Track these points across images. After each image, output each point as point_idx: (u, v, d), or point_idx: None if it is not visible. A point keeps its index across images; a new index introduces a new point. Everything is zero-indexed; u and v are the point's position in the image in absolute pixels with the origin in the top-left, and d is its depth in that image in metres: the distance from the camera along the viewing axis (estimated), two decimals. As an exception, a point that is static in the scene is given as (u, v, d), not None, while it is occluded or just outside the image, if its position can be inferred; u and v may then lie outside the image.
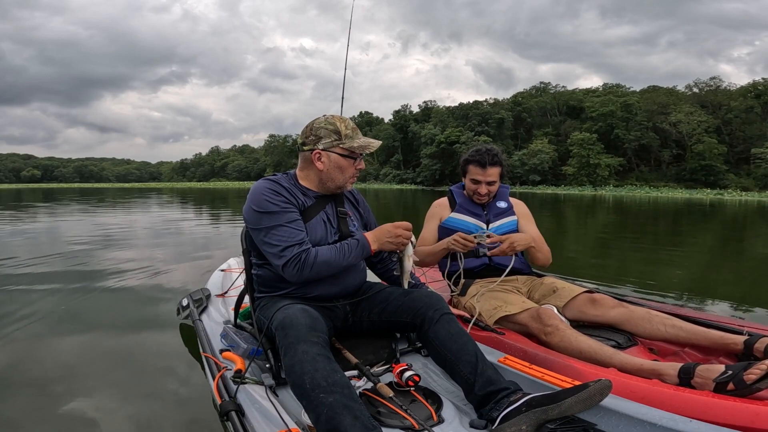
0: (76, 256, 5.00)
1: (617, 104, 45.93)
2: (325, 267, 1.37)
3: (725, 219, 12.91)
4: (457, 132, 49.86)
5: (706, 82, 49.00)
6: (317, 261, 1.36)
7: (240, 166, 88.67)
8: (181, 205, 16.03)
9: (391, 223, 1.44)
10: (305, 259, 1.35)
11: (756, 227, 10.58)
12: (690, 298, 3.49)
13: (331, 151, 1.45)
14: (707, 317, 1.71)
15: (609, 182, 42.62)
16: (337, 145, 1.45)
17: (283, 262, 1.35)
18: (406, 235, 1.42)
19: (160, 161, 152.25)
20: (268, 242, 1.38)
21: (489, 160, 1.97)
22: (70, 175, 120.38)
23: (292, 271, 1.35)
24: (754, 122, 41.66)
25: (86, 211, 12.62)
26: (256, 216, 1.40)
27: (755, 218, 13.45)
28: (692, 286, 4.02)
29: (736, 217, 13.59)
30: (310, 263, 1.35)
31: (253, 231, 1.42)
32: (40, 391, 1.83)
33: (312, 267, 1.35)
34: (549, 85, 61.04)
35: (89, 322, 2.73)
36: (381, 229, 1.45)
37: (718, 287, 4.16)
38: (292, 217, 1.40)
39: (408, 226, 1.43)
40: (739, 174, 40.05)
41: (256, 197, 1.41)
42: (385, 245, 1.43)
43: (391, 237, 1.42)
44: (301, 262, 1.34)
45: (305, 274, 1.35)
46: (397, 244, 1.42)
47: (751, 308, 3.25)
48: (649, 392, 1.19)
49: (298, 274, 1.35)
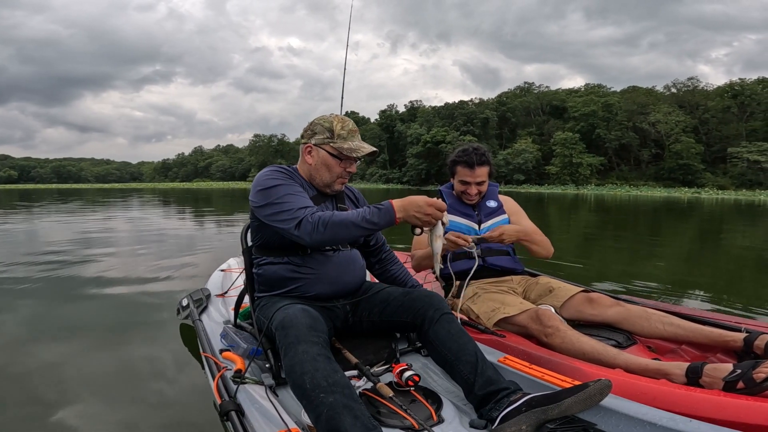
0: (73, 257, 4.92)
1: (598, 104, 46.81)
2: (342, 227, 1.27)
3: (703, 216, 13.26)
4: (443, 132, 50.17)
5: (684, 83, 50.33)
6: (333, 219, 1.28)
7: (224, 166, 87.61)
8: (176, 207, 15.78)
9: (424, 198, 1.29)
10: (321, 216, 1.29)
11: (733, 224, 10.88)
12: (677, 293, 3.57)
13: (321, 148, 1.47)
14: (704, 315, 1.72)
15: (591, 181, 43.41)
16: (327, 143, 1.46)
17: (297, 222, 1.29)
18: (437, 215, 1.29)
19: (141, 161, 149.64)
20: (279, 210, 1.33)
21: (477, 160, 1.95)
22: (47, 175, 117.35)
23: (306, 229, 1.28)
24: (731, 122, 42.87)
25: (75, 212, 12.37)
26: (263, 194, 1.38)
27: (732, 216, 13.84)
28: (673, 279, 4.13)
29: (713, 215, 13.97)
30: (326, 221, 1.28)
31: (262, 208, 1.37)
32: (40, 391, 1.83)
33: (327, 225, 1.27)
34: (533, 85, 61.91)
35: (89, 323, 2.73)
36: (411, 199, 1.28)
37: (698, 280, 4.28)
38: (299, 189, 1.40)
39: (442, 206, 1.30)
40: (715, 173, 41.16)
41: (260, 179, 1.41)
42: (412, 218, 1.28)
43: (420, 212, 1.27)
44: (316, 219, 1.28)
45: (320, 233, 1.27)
46: (424, 221, 1.29)
47: (732, 299, 3.36)
48: (660, 393, 1.19)
49: (313, 231, 1.27)
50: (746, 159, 38.58)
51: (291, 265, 1.45)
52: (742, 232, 9.05)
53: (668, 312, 1.67)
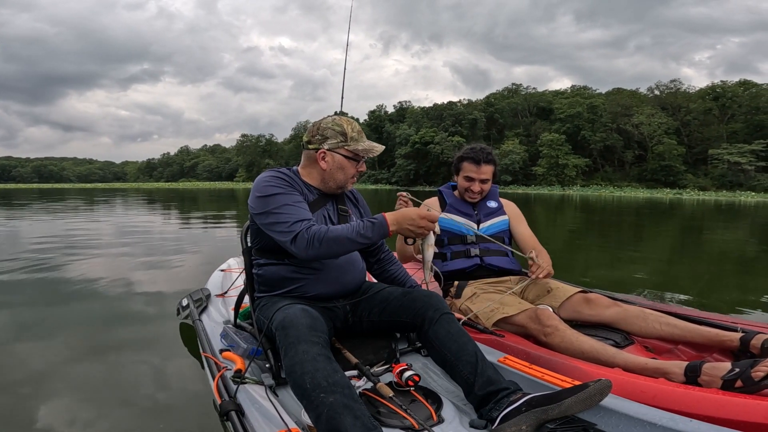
0: (70, 258, 4.85)
1: (584, 106, 47.49)
2: (337, 243, 1.29)
3: (684, 216, 13.58)
4: (432, 132, 50.36)
5: (667, 85, 51.34)
6: (328, 235, 1.29)
7: (211, 166, 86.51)
8: (172, 208, 15.58)
9: (417, 210, 1.33)
10: (316, 231, 1.29)
11: (713, 224, 11.15)
12: (662, 289, 3.65)
13: (335, 152, 1.46)
14: (699, 315, 1.73)
15: (576, 182, 44.03)
16: (342, 146, 1.46)
17: (293, 236, 1.30)
18: (430, 226, 1.34)
19: (124, 161, 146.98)
20: (275, 221, 1.34)
21: (483, 157, 1.99)
22: (28, 175, 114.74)
23: (302, 245, 1.29)
24: (712, 124, 43.85)
25: (66, 212, 12.16)
26: (261, 201, 1.37)
27: (713, 215, 14.20)
28: (657, 278, 4.22)
29: (694, 215, 14.31)
30: (321, 236, 1.28)
31: (260, 216, 1.38)
32: (40, 391, 1.82)
33: (322, 241, 1.28)
34: (520, 87, 62.43)
35: (88, 323, 2.71)
36: (404, 212, 1.33)
37: (680, 277, 4.40)
38: (298, 198, 1.39)
39: (434, 217, 1.35)
40: (697, 174, 42.08)
41: (260, 185, 1.40)
42: (405, 230, 1.33)
43: (413, 225, 1.31)
44: (312, 234, 1.29)
45: (315, 248, 1.29)
46: (417, 232, 1.33)
47: (716, 294, 3.45)
48: (659, 391, 1.19)
49: (308, 247, 1.28)
50: (727, 160, 39.51)
51: (291, 265, 1.45)
52: (722, 231, 9.28)
53: (665, 312, 1.68)
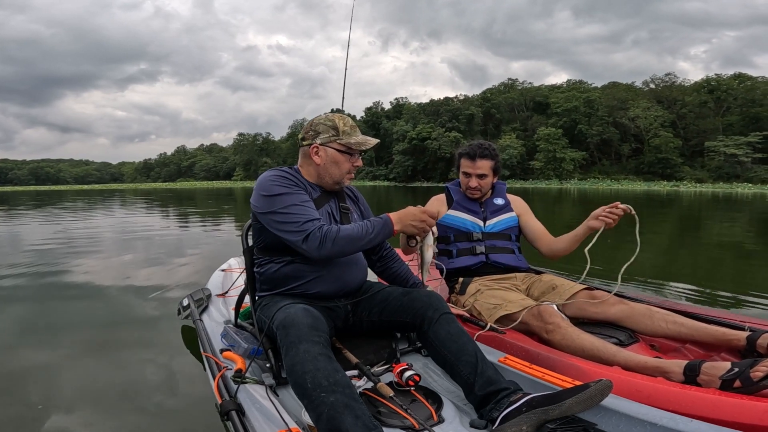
0: (70, 259, 4.85)
1: (580, 100, 47.50)
2: (348, 242, 1.32)
3: (682, 208, 13.62)
4: (429, 128, 50.29)
5: (662, 78, 51.32)
6: (339, 235, 1.31)
7: (208, 165, 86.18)
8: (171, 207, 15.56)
9: (418, 207, 1.39)
10: (327, 231, 1.31)
11: (711, 215, 11.18)
12: (665, 282, 3.66)
13: (328, 146, 1.47)
14: (707, 313, 1.68)
15: (574, 176, 44.10)
16: (334, 140, 1.46)
17: (305, 236, 1.31)
18: (430, 221, 1.38)
19: (121, 162, 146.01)
20: (285, 221, 1.34)
21: (479, 152, 1.99)
22: (24, 177, 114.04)
23: (314, 244, 1.30)
24: (708, 116, 43.88)
25: (65, 214, 12.17)
26: (267, 201, 1.37)
27: (710, 207, 14.24)
28: (658, 270, 4.22)
29: (691, 207, 14.34)
30: (332, 236, 1.31)
31: (266, 215, 1.38)
32: (42, 391, 1.83)
33: (334, 241, 1.31)
34: (517, 82, 62.39)
35: (90, 324, 2.72)
36: (406, 211, 1.38)
37: (681, 269, 4.41)
38: (305, 198, 1.40)
39: (433, 212, 1.39)
40: (693, 166, 42.16)
41: (264, 184, 1.40)
42: (408, 228, 1.37)
43: (415, 221, 1.37)
44: (323, 234, 1.30)
45: (327, 248, 1.31)
46: (419, 229, 1.38)
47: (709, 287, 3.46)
48: (655, 391, 1.18)
49: (320, 246, 1.30)
50: (723, 153, 39.61)
51: (294, 264, 1.44)
52: (719, 222, 9.31)
53: (672, 310, 1.65)
